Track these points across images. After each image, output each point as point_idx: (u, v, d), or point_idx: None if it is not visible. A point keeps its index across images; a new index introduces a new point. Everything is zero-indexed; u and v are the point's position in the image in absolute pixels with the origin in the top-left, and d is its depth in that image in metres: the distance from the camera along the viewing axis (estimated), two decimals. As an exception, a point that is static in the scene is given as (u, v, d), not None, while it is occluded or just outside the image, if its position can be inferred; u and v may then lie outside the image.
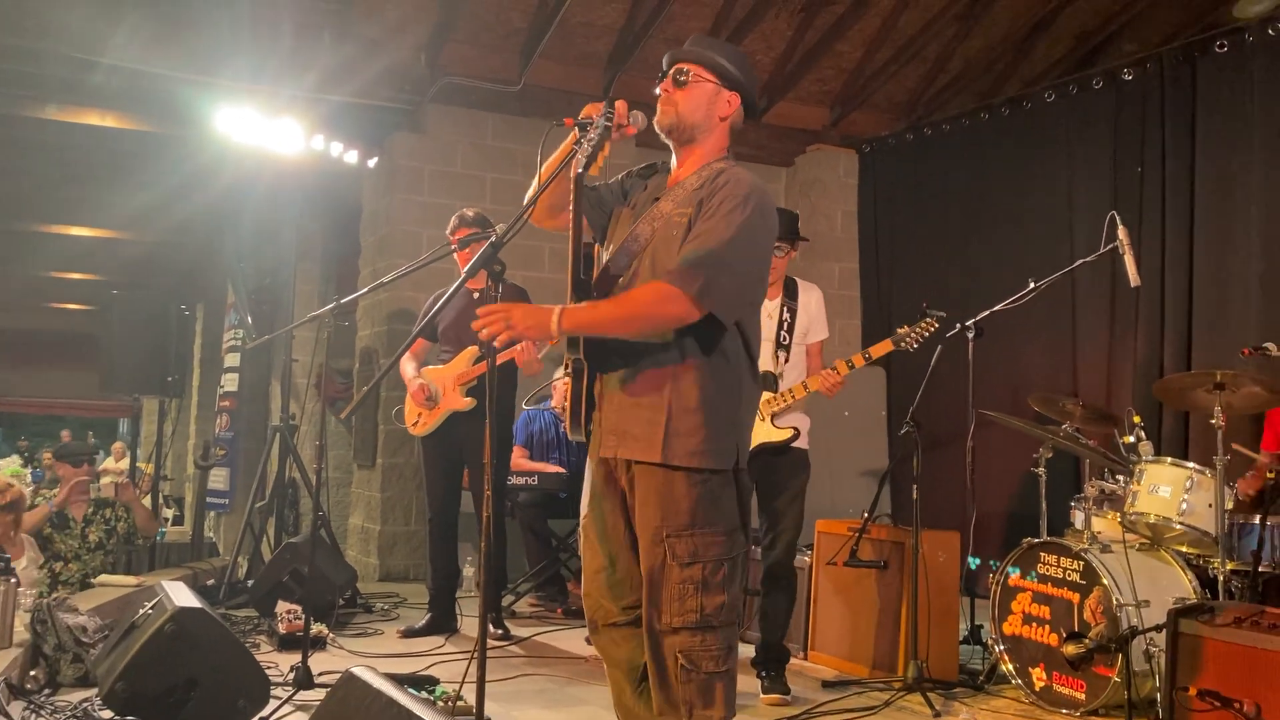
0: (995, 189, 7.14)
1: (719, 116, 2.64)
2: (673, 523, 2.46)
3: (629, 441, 2.52)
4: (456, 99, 7.20)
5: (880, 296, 8.10)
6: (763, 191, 2.57)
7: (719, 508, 2.50)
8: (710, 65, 2.62)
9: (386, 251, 7.15)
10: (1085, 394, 6.15)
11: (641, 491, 2.51)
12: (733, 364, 2.55)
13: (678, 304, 2.42)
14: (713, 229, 2.47)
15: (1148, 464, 4.20)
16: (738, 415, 2.56)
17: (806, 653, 4.87)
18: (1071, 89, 6.60)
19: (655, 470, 2.48)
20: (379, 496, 7.04)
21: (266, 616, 5.05)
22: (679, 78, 2.62)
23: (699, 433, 2.47)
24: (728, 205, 2.49)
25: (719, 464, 2.50)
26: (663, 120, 2.63)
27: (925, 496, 4.39)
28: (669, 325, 2.47)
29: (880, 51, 7.58)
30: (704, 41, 2.69)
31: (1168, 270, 5.91)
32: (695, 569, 2.45)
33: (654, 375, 2.51)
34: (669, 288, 2.43)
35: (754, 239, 2.52)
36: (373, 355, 7.30)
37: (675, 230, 2.53)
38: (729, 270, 2.46)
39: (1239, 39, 5.72)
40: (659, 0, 6.75)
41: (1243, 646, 3.24)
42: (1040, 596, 4.16)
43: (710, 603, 2.45)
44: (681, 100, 2.61)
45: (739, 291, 2.51)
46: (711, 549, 2.47)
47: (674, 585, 2.45)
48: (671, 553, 2.45)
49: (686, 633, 2.44)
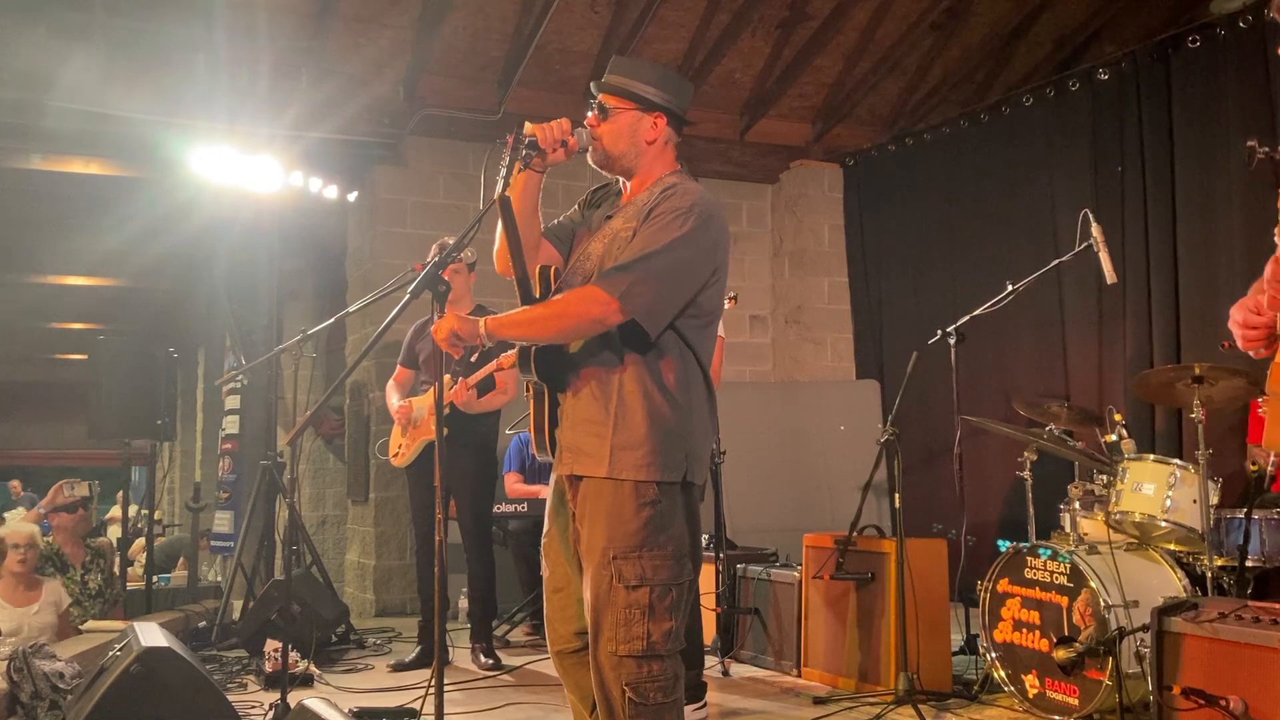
0: (979, 196, 7.12)
1: (645, 141, 2.63)
2: (620, 543, 2.42)
3: (581, 458, 2.51)
4: (436, 130, 7.23)
5: (870, 308, 8.07)
6: (709, 204, 2.56)
7: (668, 529, 2.47)
8: (625, 94, 2.62)
9: (372, 286, 7.14)
10: (1077, 395, 6.12)
11: (591, 509, 2.48)
12: (680, 376, 2.53)
13: (598, 305, 2.43)
14: (649, 239, 2.47)
15: (1130, 462, 4.15)
16: (687, 427, 2.53)
17: (800, 669, 4.81)
18: (1049, 92, 6.59)
19: (603, 485, 2.46)
20: (373, 531, 7.01)
21: (255, 656, 5.03)
22: (602, 110, 2.62)
23: (644, 445, 2.45)
24: (668, 217, 2.49)
25: (666, 476, 2.47)
26: (593, 159, 2.66)
27: (918, 504, 4.36)
28: (590, 327, 2.47)
29: (859, 65, 7.58)
30: (622, 66, 2.69)
31: (1153, 267, 5.87)
32: (642, 592, 2.41)
33: (600, 390, 2.51)
34: (593, 289, 2.45)
35: (691, 250, 2.50)
36: (363, 389, 7.29)
37: (622, 244, 2.53)
38: (656, 278, 2.44)
39: (1211, 34, 5.70)
40: (634, 24, 6.78)
41: (1226, 642, 3.16)
42: (1029, 602, 4.10)
43: (657, 629, 2.41)
44: (605, 135, 2.62)
45: (665, 300, 2.48)
46: (660, 572, 2.43)
47: (620, 610, 2.41)
48: (618, 574, 2.41)
49: (633, 662, 2.39)
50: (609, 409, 2.48)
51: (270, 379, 6.20)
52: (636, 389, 2.48)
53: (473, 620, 5.17)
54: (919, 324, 6.68)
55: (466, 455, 4.97)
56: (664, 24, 6.95)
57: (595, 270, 2.56)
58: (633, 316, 2.43)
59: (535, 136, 2.55)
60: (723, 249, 2.63)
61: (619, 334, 2.49)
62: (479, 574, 5.11)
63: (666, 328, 2.50)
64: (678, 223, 2.47)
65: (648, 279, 2.43)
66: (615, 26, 6.86)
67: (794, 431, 7.39)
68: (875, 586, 4.52)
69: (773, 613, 5.04)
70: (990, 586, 4.25)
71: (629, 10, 6.73)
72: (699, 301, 2.56)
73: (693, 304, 2.54)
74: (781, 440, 7.34)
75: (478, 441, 5.02)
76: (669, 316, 2.50)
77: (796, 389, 7.89)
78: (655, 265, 2.44)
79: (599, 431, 2.47)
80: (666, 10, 6.78)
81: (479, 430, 5.01)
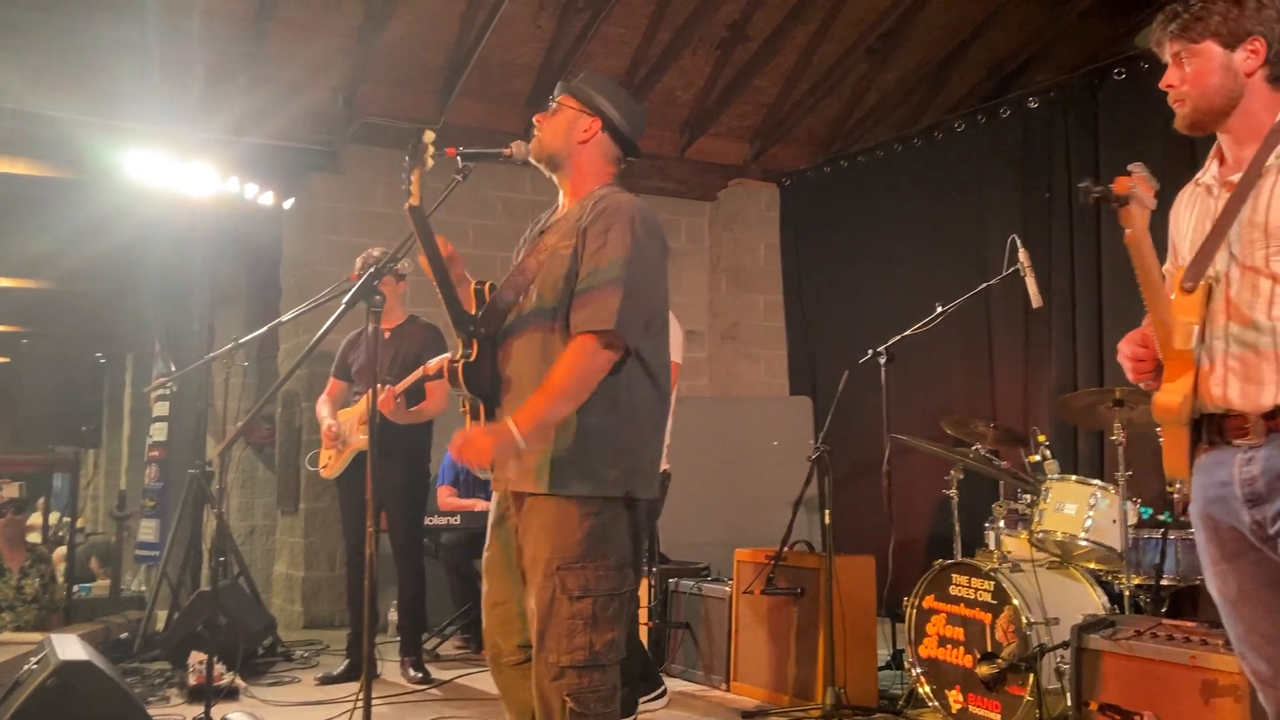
0: (912, 218, 7.24)
1: (577, 141, 2.66)
2: (564, 555, 2.43)
3: (523, 474, 2.50)
4: (375, 139, 7.18)
5: (805, 326, 8.17)
6: (645, 211, 2.58)
7: (611, 540, 2.48)
8: (575, 93, 2.68)
9: (307, 293, 7.05)
10: (1004, 416, 6.24)
11: (534, 524, 2.48)
12: (625, 389, 2.53)
13: (603, 355, 2.45)
14: (603, 259, 2.48)
15: (1053, 482, 4.25)
16: (632, 442, 2.54)
17: (729, 683, 4.84)
18: (981, 119, 6.73)
19: (546, 501, 2.46)
20: (302, 542, 6.92)
21: (179, 668, 4.93)
22: (550, 107, 2.68)
23: (586, 461, 2.46)
24: (617, 233, 2.50)
25: (609, 491, 2.48)
26: (531, 149, 2.68)
27: (848, 520, 4.41)
28: (603, 372, 2.47)
29: (797, 86, 7.68)
30: (587, 78, 2.75)
31: (1078, 293, 6.01)
32: (585, 603, 2.42)
33: None
34: (585, 340, 2.44)
35: (644, 259, 2.52)
36: (295, 399, 7.20)
37: (559, 261, 2.54)
38: (632, 299, 2.47)
39: (1136, 67, 5.88)
40: (576, 39, 6.81)
41: (1142, 659, 3.27)
42: (954, 618, 4.17)
43: (600, 639, 2.42)
44: (545, 128, 2.68)
45: (644, 314, 2.52)
46: (603, 583, 2.44)
47: (563, 621, 2.41)
48: (562, 586, 2.41)
49: (574, 672, 2.40)
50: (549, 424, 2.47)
51: (200, 386, 6.11)
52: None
53: (402, 633, 5.12)
54: (852, 342, 6.75)
55: (398, 467, 4.93)
56: (606, 40, 6.99)
57: (530, 284, 2.57)
58: (626, 344, 2.47)
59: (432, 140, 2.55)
60: (665, 252, 2.67)
61: (558, 345, 2.50)
62: (409, 587, 5.07)
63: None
64: (627, 237, 2.49)
65: (627, 303, 2.45)
66: (558, 41, 6.88)
67: (728, 447, 7.43)
68: (805, 602, 4.57)
69: (704, 627, 5.07)
70: (916, 603, 4.32)
71: (571, 25, 6.76)
72: None
73: None
74: (716, 455, 7.38)
75: (410, 453, 4.99)
76: (641, 329, 2.53)
77: (731, 404, 7.95)
78: (626, 287, 2.46)
79: (540, 448, 2.47)
80: (609, 26, 6.82)
81: (411, 442, 4.98)
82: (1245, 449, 2.00)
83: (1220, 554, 2.08)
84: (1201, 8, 2.08)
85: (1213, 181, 2.15)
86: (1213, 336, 2.04)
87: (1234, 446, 2.02)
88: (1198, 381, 2.03)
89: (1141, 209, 1.95)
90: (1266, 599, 2.01)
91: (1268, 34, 2.05)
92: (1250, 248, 2.00)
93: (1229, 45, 2.07)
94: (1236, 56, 2.07)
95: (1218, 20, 2.06)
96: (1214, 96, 2.09)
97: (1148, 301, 2.02)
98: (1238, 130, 2.11)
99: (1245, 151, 2.08)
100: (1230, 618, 2.09)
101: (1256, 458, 1.98)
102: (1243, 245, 2.02)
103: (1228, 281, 2.04)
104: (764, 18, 7.05)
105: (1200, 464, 2.10)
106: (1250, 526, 1.99)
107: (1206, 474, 2.08)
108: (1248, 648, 2.06)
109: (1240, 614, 2.06)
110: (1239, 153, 2.11)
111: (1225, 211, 2.04)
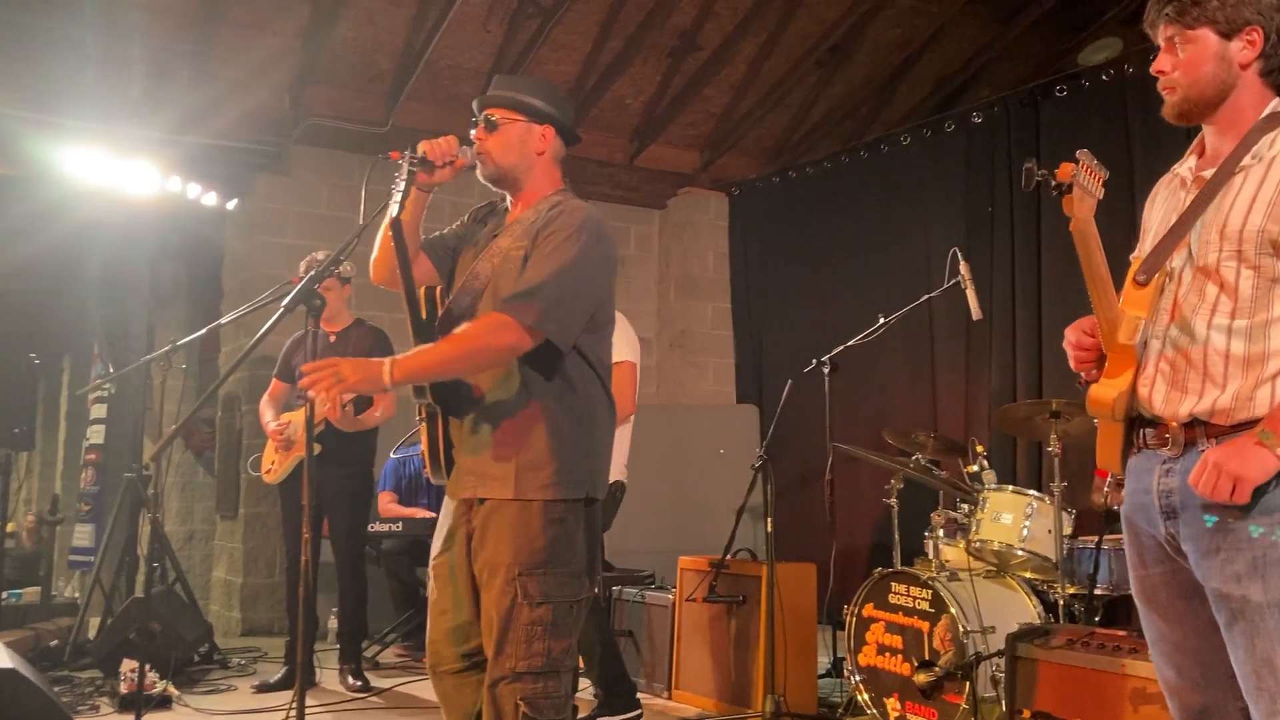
0: (857, 229, 7.32)
1: (535, 153, 2.64)
2: (526, 561, 2.42)
3: (486, 480, 2.49)
4: (322, 140, 7.12)
5: (752, 335, 8.22)
6: (597, 221, 2.59)
7: (572, 547, 2.48)
8: (514, 105, 2.63)
9: (250, 295, 6.94)
10: (944, 426, 6.33)
11: (495, 530, 2.47)
12: (580, 392, 2.54)
13: (511, 332, 2.42)
14: (546, 258, 2.48)
15: (990, 492, 4.31)
16: (590, 443, 2.55)
17: (671, 691, 4.84)
18: (926, 133, 6.83)
19: (508, 505, 2.46)
20: (241, 548, 6.82)
21: (110, 677, 4.83)
22: (489, 123, 2.62)
23: (550, 464, 2.46)
24: (561, 235, 2.50)
25: (572, 493, 2.48)
26: (483, 173, 2.65)
27: (791, 529, 4.43)
28: (505, 354, 2.46)
29: (747, 97, 7.74)
30: (507, 82, 2.71)
31: (1018, 306, 6.12)
32: (545, 610, 2.42)
33: (502, 411, 2.50)
34: (501, 317, 2.44)
35: (588, 266, 2.52)
36: (235, 402, 7.10)
37: (513, 265, 2.53)
38: (561, 297, 2.46)
39: (1078, 84, 6.00)
40: (526, 44, 6.80)
41: (1073, 667, 3.32)
42: (893, 626, 4.21)
43: (558, 646, 2.43)
44: (494, 147, 2.62)
45: (572, 317, 2.50)
46: (564, 589, 2.45)
47: (522, 627, 2.41)
48: (523, 592, 2.41)
49: (530, 678, 2.40)
50: (512, 429, 2.48)
51: (139, 388, 5.99)
52: (538, 408, 2.49)
53: (342, 640, 5.07)
54: (798, 352, 6.80)
55: (342, 473, 4.88)
56: (556, 46, 6.99)
57: (484, 290, 2.56)
58: (546, 338, 2.44)
59: (426, 152, 2.54)
60: (613, 265, 2.67)
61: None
62: (350, 593, 5.01)
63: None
64: (573, 240, 2.49)
65: (554, 300, 2.44)
66: (507, 46, 6.86)
67: (675, 454, 7.45)
68: (746, 609, 4.58)
69: (646, 635, 5.07)
70: (856, 611, 4.35)
71: (522, 31, 6.75)
72: (594, 316, 2.58)
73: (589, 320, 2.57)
74: (662, 462, 7.39)
75: (354, 459, 4.94)
76: (577, 333, 2.51)
77: (678, 412, 7.96)
78: (560, 285, 2.45)
79: (502, 453, 2.47)
80: (559, 33, 6.82)
81: (356, 448, 4.93)
82: (1164, 459, 1.98)
83: (1139, 559, 2.07)
84: None
85: (1188, 174, 2.07)
86: (1152, 335, 2.00)
87: (1156, 454, 2.00)
88: (1136, 379, 2.00)
89: (1085, 197, 1.87)
90: (1179, 609, 2.01)
91: (1266, 25, 1.96)
92: (1206, 248, 1.94)
93: (1225, 34, 1.96)
94: (1232, 46, 1.97)
95: (1215, 6, 1.95)
96: (1205, 86, 1.99)
97: (1091, 294, 1.96)
98: (1222, 123, 2.01)
99: (1224, 146, 2.00)
100: (1145, 622, 2.10)
101: (1174, 470, 1.96)
102: (1200, 244, 1.95)
103: (1179, 281, 1.98)
104: (714, 28, 7.10)
105: (1130, 466, 2.07)
106: (1165, 538, 1.99)
107: (1134, 478, 2.05)
108: (1159, 654, 2.07)
109: (1153, 620, 2.07)
110: (1219, 146, 2.02)
111: (1191, 208, 1.97)
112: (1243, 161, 1.94)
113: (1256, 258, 1.90)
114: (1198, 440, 1.94)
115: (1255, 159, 1.94)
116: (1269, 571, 1.82)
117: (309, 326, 2.57)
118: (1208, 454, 1.89)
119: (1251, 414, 1.89)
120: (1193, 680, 2.02)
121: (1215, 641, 1.94)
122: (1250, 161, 1.94)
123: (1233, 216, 1.91)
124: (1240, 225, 1.90)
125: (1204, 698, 2.01)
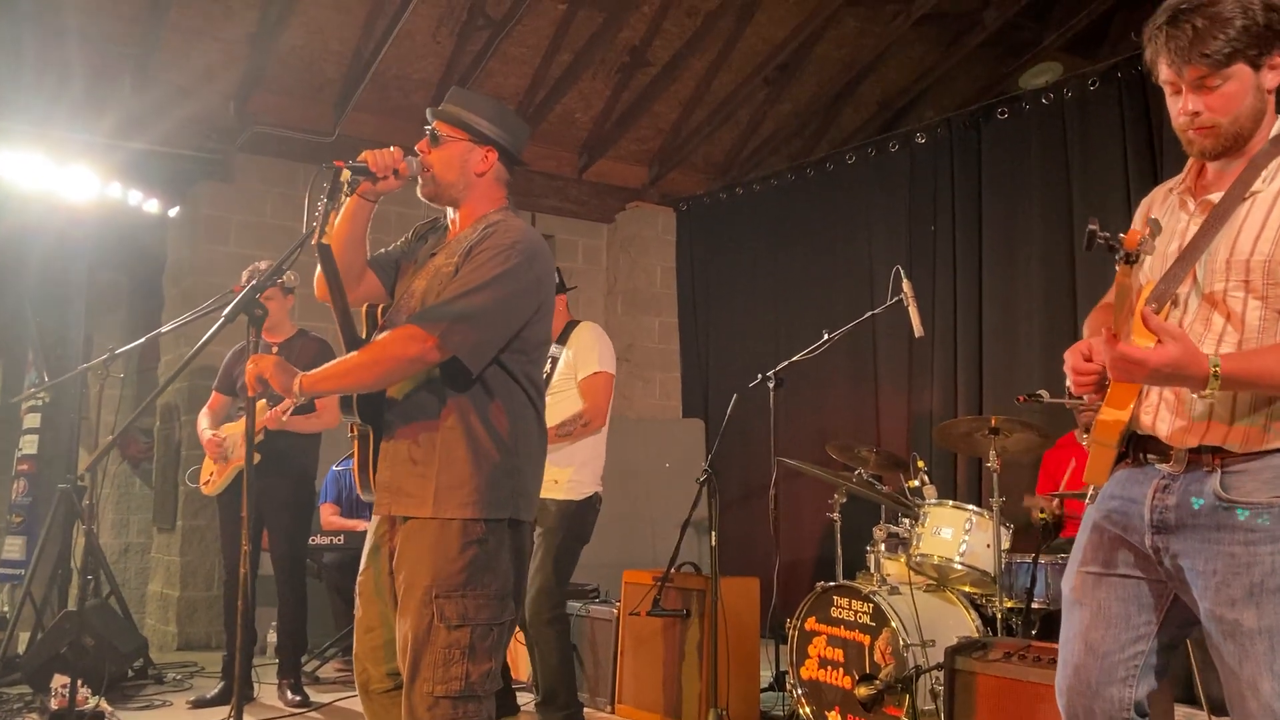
0: (803, 246, 7.40)
1: (474, 173, 2.63)
2: (444, 582, 2.39)
3: (402, 498, 2.47)
4: (267, 149, 7.04)
5: (698, 349, 8.27)
6: (533, 241, 2.57)
7: (493, 568, 2.44)
8: (460, 123, 2.62)
9: (192, 304, 6.85)
10: (887, 441, 6.40)
11: (414, 549, 2.44)
12: (507, 411, 2.51)
13: (415, 344, 2.40)
14: (470, 276, 2.47)
15: (931, 507, 4.36)
16: (514, 463, 2.51)
17: (614, 705, 4.83)
18: (871, 152, 6.93)
19: (428, 524, 2.43)
20: (179, 561, 6.70)
21: (41, 692, 4.72)
22: (433, 136, 2.62)
23: (469, 483, 2.43)
24: (489, 254, 2.49)
25: (493, 513, 2.45)
26: (422, 191, 2.63)
27: (736, 542, 4.44)
28: (409, 366, 2.43)
29: (695, 113, 7.80)
30: (461, 97, 2.69)
31: (960, 323, 6.22)
32: (463, 633, 2.38)
33: (423, 429, 2.48)
34: (410, 328, 2.43)
35: (511, 284, 2.49)
36: (174, 412, 6.98)
37: (443, 281, 2.52)
38: (476, 314, 2.43)
39: (1018, 107, 6.12)
40: (476, 56, 6.79)
41: (1010, 680, 3.37)
42: (834, 640, 4.25)
43: (476, 670, 2.39)
44: (436, 163, 2.61)
45: (485, 337, 2.47)
46: (483, 612, 2.41)
47: (439, 650, 2.37)
48: (440, 614, 2.37)
49: (449, 703, 2.36)
50: (432, 448, 2.45)
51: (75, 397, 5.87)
52: (460, 426, 2.46)
53: (281, 654, 5.00)
54: (743, 366, 6.88)
55: (283, 485, 4.82)
56: (506, 59, 6.99)
57: (418, 307, 2.55)
58: (453, 354, 2.41)
59: (367, 161, 2.52)
60: (546, 286, 2.63)
61: (441, 372, 2.47)
62: (290, 607, 4.95)
63: (490, 364, 2.50)
64: (500, 259, 2.47)
65: (468, 316, 2.42)
66: (456, 57, 6.85)
67: (621, 468, 7.41)
68: (690, 623, 4.59)
69: (589, 649, 5.06)
70: (798, 624, 4.38)
71: (471, 42, 6.74)
72: (524, 336, 2.55)
73: (517, 339, 2.53)
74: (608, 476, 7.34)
75: (295, 471, 4.89)
76: (491, 353, 2.49)
77: (624, 425, 7.95)
78: (475, 302, 2.43)
79: (422, 471, 2.45)
80: (509, 45, 6.82)
81: (297, 460, 4.88)
82: (1164, 475, 1.96)
83: (1093, 558, 2.06)
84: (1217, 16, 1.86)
85: (1189, 197, 2.01)
86: None
87: (1155, 469, 1.99)
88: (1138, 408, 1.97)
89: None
90: (1115, 612, 2.02)
91: None
92: (1212, 276, 1.90)
93: (1256, 65, 1.89)
94: (1264, 76, 1.90)
95: (1248, 40, 1.85)
96: (1246, 120, 1.90)
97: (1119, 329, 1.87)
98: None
99: (1229, 167, 1.94)
100: (1067, 618, 2.10)
101: (1174, 488, 1.95)
102: (1207, 273, 1.91)
103: (1185, 308, 1.94)
104: (663, 44, 7.15)
105: (1116, 475, 2.06)
106: (1150, 548, 1.98)
107: (1119, 485, 2.04)
108: (1069, 651, 2.07)
109: (1080, 616, 2.07)
110: (1223, 168, 1.96)
111: (1199, 234, 1.91)
112: (1252, 186, 1.90)
113: (1265, 287, 1.87)
114: (1203, 462, 1.93)
115: (1265, 183, 1.90)
116: (1264, 599, 1.84)
117: (250, 337, 2.53)
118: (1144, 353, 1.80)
119: (1264, 445, 1.88)
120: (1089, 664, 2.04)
121: (1125, 638, 2.01)
122: (1260, 186, 1.90)
123: (1240, 243, 1.88)
124: (1248, 253, 1.88)
125: (1091, 690, 2.03)
